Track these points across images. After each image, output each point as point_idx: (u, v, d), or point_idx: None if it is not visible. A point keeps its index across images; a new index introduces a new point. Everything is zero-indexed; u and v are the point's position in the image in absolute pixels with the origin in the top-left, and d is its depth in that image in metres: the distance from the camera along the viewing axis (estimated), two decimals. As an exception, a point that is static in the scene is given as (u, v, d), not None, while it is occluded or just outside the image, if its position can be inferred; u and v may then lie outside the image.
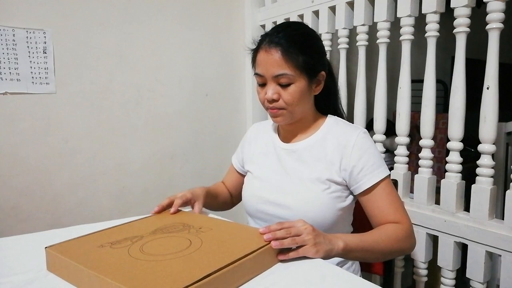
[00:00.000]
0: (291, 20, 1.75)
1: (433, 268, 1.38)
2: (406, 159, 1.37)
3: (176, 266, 0.62)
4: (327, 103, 1.06)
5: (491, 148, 1.12)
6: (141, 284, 0.57)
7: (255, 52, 0.98)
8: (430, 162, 1.28)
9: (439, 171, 2.00)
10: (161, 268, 0.62)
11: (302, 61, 0.90)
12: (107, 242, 0.75)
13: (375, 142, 1.44)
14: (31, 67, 1.43)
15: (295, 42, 0.91)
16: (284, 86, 0.92)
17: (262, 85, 0.96)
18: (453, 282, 1.25)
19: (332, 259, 0.97)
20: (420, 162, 1.30)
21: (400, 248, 0.91)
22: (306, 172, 0.97)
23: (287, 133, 1.05)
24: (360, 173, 0.93)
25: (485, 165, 1.12)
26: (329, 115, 1.05)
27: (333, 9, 1.59)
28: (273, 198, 0.98)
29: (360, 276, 0.97)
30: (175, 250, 0.69)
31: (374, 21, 1.42)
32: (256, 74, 0.97)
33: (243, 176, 1.18)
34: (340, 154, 0.94)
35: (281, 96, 0.93)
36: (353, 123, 1.51)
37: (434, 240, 1.30)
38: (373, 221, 0.95)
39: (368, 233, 0.88)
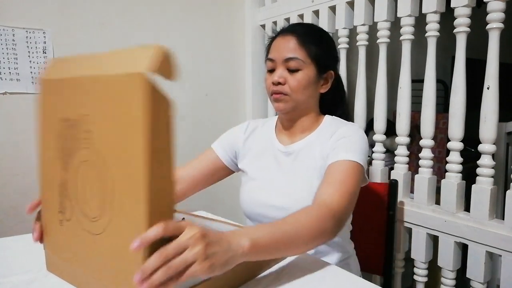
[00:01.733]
0: (291, 20, 1.76)
1: (433, 268, 1.38)
2: (406, 159, 1.37)
3: (122, 237, 0.54)
4: (333, 107, 1.07)
5: (491, 148, 1.11)
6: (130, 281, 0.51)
7: (272, 40, 1.02)
8: (430, 162, 1.28)
9: (439, 171, 2.00)
10: (121, 246, 0.54)
11: (314, 51, 0.95)
12: (57, 211, 0.65)
13: (375, 142, 1.44)
14: (31, 67, 1.43)
15: (311, 33, 0.97)
16: (292, 72, 0.95)
17: (271, 71, 0.99)
18: (453, 282, 1.25)
19: (331, 258, 0.97)
20: (420, 162, 1.30)
21: (321, 228, 0.74)
22: (303, 172, 0.97)
23: (286, 132, 1.04)
24: (334, 150, 0.91)
25: (486, 165, 1.12)
26: (327, 115, 1.04)
27: (333, 9, 1.59)
28: (271, 201, 0.97)
29: (360, 276, 0.97)
30: (98, 194, 0.57)
31: (374, 21, 1.42)
32: (267, 59, 1.00)
33: (228, 168, 1.12)
34: (329, 141, 0.94)
35: (287, 81, 0.95)
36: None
37: (434, 240, 1.30)
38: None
39: (280, 220, 0.72)
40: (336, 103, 1.08)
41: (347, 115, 1.08)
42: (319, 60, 0.96)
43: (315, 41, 0.96)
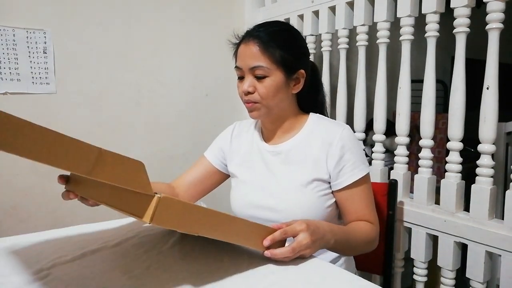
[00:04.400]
0: (291, 20, 1.76)
1: (433, 268, 1.38)
2: (406, 159, 1.37)
3: None
4: (312, 104, 1.07)
5: (491, 148, 1.12)
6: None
7: (237, 46, 1.00)
8: (430, 162, 1.28)
9: (439, 171, 2.00)
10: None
11: (279, 55, 0.92)
12: None
13: (375, 142, 1.44)
14: (31, 67, 1.43)
15: (274, 37, 0.93)
16: (260, 79, 0.93)
17: (241, 78, 0.98)
18: (453, 282, 1.25)
19: (326, 256, 0.98)
20: (420, 162, 1.30)
21: (366, 249, 0.96)
22: (294, 174, 0.97)
23: (270, 133, 1.04)
24: (342, 170, 0.94)
25: (485, 165, 1.12)
26: (311, 113, 1.04)
27: (333, 9, 1.59)
28: (262, 202, 0.98)
29: (355, 274, 0.98)
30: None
31: (374, 21, 1.42)
32: (235, 67, 0.99)
33: (221, 172, 1.14)
34: (326, 152, 0.95)
35: (256, 89, 0.94)
36: (353, 123, 1.52)
37: (434, 240, 1.30)
38: (347, 218, 0.97)
39: (351, 229, 0.92)
40: (312, 99, 1.07)
41: (326, 110, 1.12)
42: (285, 64, 0.93)
43: (280, 45, 0.92)
